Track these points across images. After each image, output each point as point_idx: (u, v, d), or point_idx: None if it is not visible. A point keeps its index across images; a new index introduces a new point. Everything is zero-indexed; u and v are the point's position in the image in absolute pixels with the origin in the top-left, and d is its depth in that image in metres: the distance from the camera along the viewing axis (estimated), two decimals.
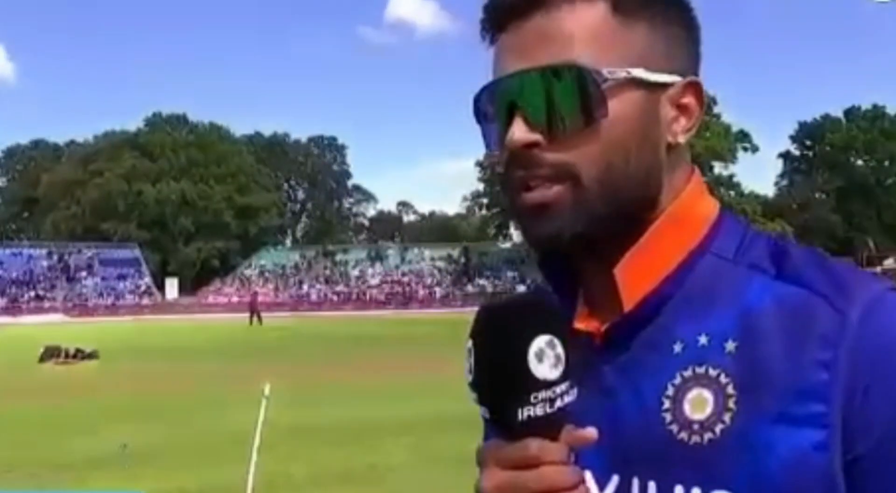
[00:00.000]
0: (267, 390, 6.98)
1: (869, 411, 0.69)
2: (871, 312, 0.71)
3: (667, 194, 0.80)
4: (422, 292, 61.34)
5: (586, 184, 0.76)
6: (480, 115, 0.83)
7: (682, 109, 0.80)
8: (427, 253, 69.51)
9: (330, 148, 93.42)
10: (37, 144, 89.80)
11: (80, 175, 75.10)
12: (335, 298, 61.18)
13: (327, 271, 66.42)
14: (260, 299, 60.15)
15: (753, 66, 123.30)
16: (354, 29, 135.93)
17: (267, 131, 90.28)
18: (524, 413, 0.67)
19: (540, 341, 0.67)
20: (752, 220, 64.25)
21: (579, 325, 0.80)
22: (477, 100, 0.82)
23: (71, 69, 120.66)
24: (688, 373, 0.75)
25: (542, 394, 0.67)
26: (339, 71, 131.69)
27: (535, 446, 0.67)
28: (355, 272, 66.39)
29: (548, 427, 0.68)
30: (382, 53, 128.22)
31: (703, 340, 0.75)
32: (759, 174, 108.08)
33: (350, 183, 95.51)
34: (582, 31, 0.77)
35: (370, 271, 66.76)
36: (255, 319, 41.38)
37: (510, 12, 0.79)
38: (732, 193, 68.80)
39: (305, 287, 63.76)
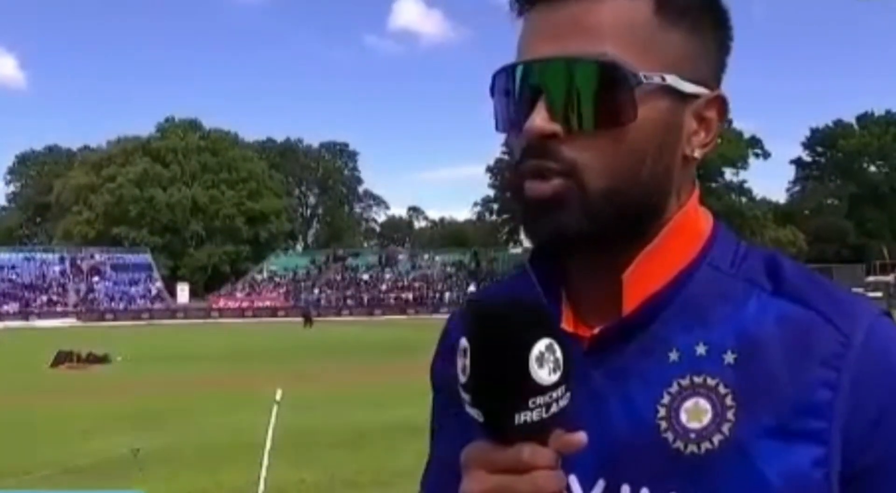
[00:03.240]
0: (278, 396, 7.00)
1: (872, 429, 0.70)
2: (872, 335, 0.72)
3: (672, 208, 0.79)
4: (432, 297, 61.32)
5: (592, 188, 0.74)
6: (499, 92, 0.79)
7: (704, 122, 0.78)
8: (437, 258, 69.60)
9: (342, 154, 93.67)
10: (50, 150, 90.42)
11: (93, 181, 75.52)
12: (345, 302, 61.23)
13: (338, 276, 66.54)
14: (269, 304, 60.50)
15: (765, 72, 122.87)
16: (361, 37, 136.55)
17: (279, 137, 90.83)
18: (520, 418, 0.65)
19: (541, 345, 0.65)
20: (764, 226, 64.44)
21: (566, 328, 0.79)
22: (497, 76, 0.78)
23: (83, 76, 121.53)
24: (685, 382, 0.74)
25: (540, 399, 0.65)
26: (350, 78, 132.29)
27: (528, 451, 0.66)
28: (366, 277, 66.48)
29: (540, 432, 0.67)
30: (391, 61, 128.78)
31: (700, 350, 0.75)
32: (770, 180, 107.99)
33: (361, 189, 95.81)
34: (621, 26, 0.74)
35: (381, 276, 66.84)
36: (308, 323, 42.33)
37: None
38: (744, 198, 68.59)
39: (316, 292, 63.87)
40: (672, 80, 0.74)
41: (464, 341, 0.67)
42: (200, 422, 11.46)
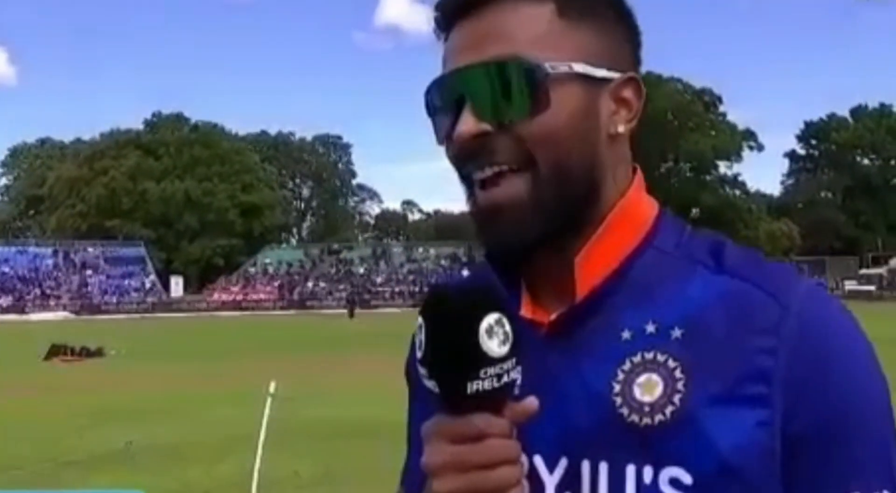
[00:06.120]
0: (272, 388, 6.98)
1: (808, 396, 0.75)
2: (808, 304, 0.78)
3: (609, 188, 0.84)
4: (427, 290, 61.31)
5: (542, 168, 0.80)
6: (431, 109, 0.86)
7: (622, 102, 0.85)
8: (432, 252, 69.52)
9: (335, 147, 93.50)
10: (42, 143, 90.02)
11: (86, 173, 75.26)
12: (340, 296, 61.11)
13: (332, 270, 66.44)
14: (263, 297, 60.42)
15: (759, 65, 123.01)
16: (348, 32, 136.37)
17: (273, 130, 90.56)
18: (472, 387, 0.69)
19: (490, 319, 0.70)
20: (758, 218, 64.46)
21: (525, 314, 0.83)
22: (427, 94, 0.86)
23: (73, 69, 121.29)
24: (637, 359, 0.79)
25: (491, 369, 0.69)
26: (340, 72, 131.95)
27: (481, 420, 0.71)
28: (360, 271, 66.40)
29: (493, 402, 0.71)
30: (380, 55, 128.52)
31: (650, 328, 0.80)
32: (764, 173, 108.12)
33: (355, 182, 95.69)
34: (526, 30, 0.81)
35: (375, 269, 66.78)
36: (352, 312, 43.80)
37: (460, 10, 0.84)
38: (738, 191, 68.63)
39: (310, 285, 63.77)
40: (580, 67, 0.81)
41: (420, 319, 0.72)
42: (194, 415, 11.41)
